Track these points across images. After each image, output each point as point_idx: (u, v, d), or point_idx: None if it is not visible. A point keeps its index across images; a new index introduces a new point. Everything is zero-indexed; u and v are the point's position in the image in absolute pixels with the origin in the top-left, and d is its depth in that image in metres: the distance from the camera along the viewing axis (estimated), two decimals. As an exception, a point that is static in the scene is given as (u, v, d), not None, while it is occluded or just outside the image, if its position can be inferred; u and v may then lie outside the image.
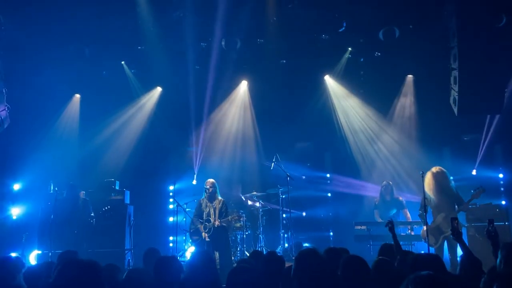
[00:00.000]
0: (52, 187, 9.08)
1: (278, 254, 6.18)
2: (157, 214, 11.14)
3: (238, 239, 9.61)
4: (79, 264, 2.59)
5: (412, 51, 9.56)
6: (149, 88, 11.11)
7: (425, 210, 7.32)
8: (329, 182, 11.52)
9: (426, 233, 7.25)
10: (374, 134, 11.08)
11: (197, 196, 9.47)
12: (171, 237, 10.52)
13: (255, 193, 10.25)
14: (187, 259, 8.99)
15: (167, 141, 11.23)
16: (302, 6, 9.09)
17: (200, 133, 11.12)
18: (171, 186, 11.14)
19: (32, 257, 8.70)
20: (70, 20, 9.05)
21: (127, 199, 9.42)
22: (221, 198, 8.93)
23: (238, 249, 9.52)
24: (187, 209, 9.29)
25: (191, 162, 11.15)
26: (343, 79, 10.80)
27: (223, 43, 9.74)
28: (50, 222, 7.94)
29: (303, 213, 11.17)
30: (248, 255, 6.94)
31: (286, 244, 9.92)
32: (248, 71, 10.93)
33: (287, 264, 4.59)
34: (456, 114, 8.79)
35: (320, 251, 3.89)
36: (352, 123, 11.18)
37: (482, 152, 10.24)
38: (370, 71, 10.52)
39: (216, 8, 8.93)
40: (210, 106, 11.02)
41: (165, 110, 11.12)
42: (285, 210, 9.98)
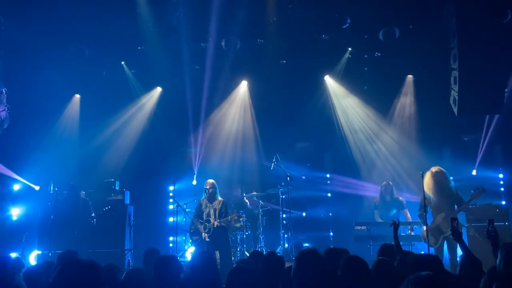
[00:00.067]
0: (52, 187, 9.09)
1: (278, 254, 6.17)
2: (157, 214, 11.14)
3: (238, 239, 9.61)
4: (79, 265, 2.59)
5: (412, 51, 9.56)
6: (149, 88, 11.11)
7: (425, 210, 7.32)
8: (329, 182, 11.52)
9: (426, 233, 7.25)
10: (374, 134, 11.09)
11: (197, 197, 9.47)
12: (171, 237, 10.53)
13: (255, 193, 10.25)
14: (187, 260, 9.00)
15: (167, 142, 11.23)
16: (302, 6, 9.09)
17: (200, 133, 11.12)
18: (171, 186, 11.14)
19: (32, 257, 8.70)
20: (70, 20, 9.06)
21: (127, 199, 9.43)
22: (221, 199, 8.93)
23: (238, 249, 9.52)
24: (187, 210, 9.29)
25: (191, 162, 11.16)
26: (343, 79, 10.80)
27: (223, 43, 9.75)
28: (50, 222, 7.94)
29: (303, 213, 11.17)
30: (248, 255, 6.94)
31: (286, 245, 9.92)
32: (248, 71, 10.93)
33: (287, 264, 4.59)
34: (456, 114, 8.79)
35: (320, 251, 3.89)
36: (352, 123, 11.18)
37: (482, 152, 10.24)
38: (370, 71, 10.51)
39: (216, 9, 8.93)
40: (210, 106, 11.01)
41: (165, 110, 11.11)
42: (285, 210, 9.97)
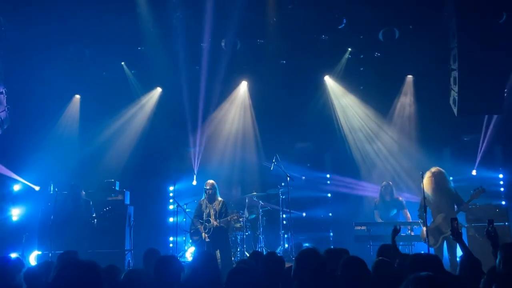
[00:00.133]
0: (52, 187, 9.09)
1: (278, 254, 6.18)
2: (157, 214, 11.14)
3: (238, 240, 9.62)
4: (78, 265, 2.58)
5: (412, 51, 9.55)
6: (149, 88, 11.11)
7: (425, 210, 7.32)
8: (329, 182, 11.52)
9: (425, 234, 7.25)
10: (373, 134, 11.09)
11: (197, 197, 9.47)
12: (171, 238, 10.53)
13: (255, 193, 10.25)
14: (187, 260, 9.01)
15: (167, 142, 11.23)
16: (302, 6, 9.08)
17: (200, 133, 11.11)
18: (171, 186, 11.14)
19: (32, 258, 8.70)
20: (70, 20, 9.06)
21: (127, 200, 9.42)
22: (221, 199, 8.93)
23: (238, 249, 9.52)
24: (187, 210, 9.30)
25: (191, 162, 11.16)
26: (343, 79, 10.80)
27: (223, 43, 9.75)
28: (50, 222, 7.94)
29: (303, 214, 11.17)
30: (248, 255, 6.94)
31: (286, 245, 9.92)
32: (248, 72, 10.93)
33: (287, 264, 4.60)
34: (456, 115, 8.80)
35: (320, 251, 3.89)
36: (352, 123, 11.18)
37: (481, 153, 10.24)
38: (370, 72, 10.51)
39: (216, 9, 8.93)
40: (210, 107, 11.01)
41: (165, 111, 11.11)
42: (285, 211, 9.97)
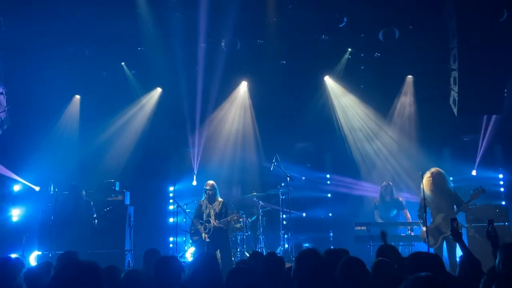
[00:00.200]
0: (52, 188, 9.08)
1: (278, 254, 6.18)
2: (157, 215, 11.13)
3: (238, 240, 9.61)
4: (77, 266, 2.57)
5: (412, 51, 9.55)
6: (149, 89, 11.10)
7: (425, 210, 7.32)
8: (329, 182, 11.52)
9: (425, 234, 7.25)
10: (373, 134, 11.08)
11: (197, 197, 9.48)
12: (171, 238, 10.53)
13: (255, 193, 10.25)
14: (187, 260, 9.01)
15: (167, 142, 11.23)
16: (302, 6, 9.08)
17: (200, 133, 11.10)
18: (171, 187, 11.14)
19: (32, 258, 8.69)
20: (70, 21, 9.05)
21: (127, 200, 9.42)
22: (221, 199, 8.94)
23: (238, 250, 9.52)
24: (187, 210, 9.30)
25: (191, 163, 11.15)
26: (343, 79, 10.79)
27: (223, 44, 9.75)
28: (50, 223, 7.93)
29: (303, 214, 11.16)
30: (248, 255, 6.94)
31: (286, 245, 9.92)
32: (248, 72, 10.93)
33: (287, 264, 4.59)
34: (456, 115, 8.80)
35: (320, 251, 3.89)
36: (352, 123, 11.17)
37: (481, 153, 10.24)
38: (370, 72, 10.51)
39: (216, 9, 8.93)
40: (210, 107, 10.99)
41: (165, 111, 11.11)
42: (285, 211, 9.97)
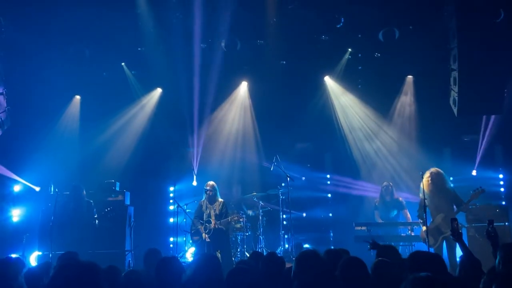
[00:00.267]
0: (52, 188, 9.08)
1: (278, 255, 6.19)
2: (158, 215, 11.13)
3: (238, 240, 9.62)
4: (76, 266, 2.57)
5: (412, 52, 9.55)
6: (149, 89, 11.10)
7: (424, 210, 7.32)
8: (329, 182, 11.52)
9: (425, 234, 7.26)
10: (373, 134, 11.09)
11: (197, 197, 9.49)
12: (171, 238, 10.53)
13: (255, 193, 10.26)
14: (187, 260, 9.01)
15: (167, 142, 11.23)
16: (302, 6, 9.08)
17: (200, 134, 11.10)
18: (172, 187, 11.14)
19: (33, 258, 8.70)
20: (70, 21, 9.06)
21: (127, 200, 9.41)
22: (221, 200, 8.96)
23: (238, 250, 9.53)
24: (187, 210, 9.30)
25: (191, 163, 11.16)
26: (343, 80, 10.80)
27: (223, 44, 9.75)
28: (51, 223, 7.93)
29: (303, 214, 11.17)
30: (248, 256, 6.95)
31: (286, 245, 9.92)
32: (248, 72, 10.93)
33: (288, 265, 4.59)
34: (456, 115, 8.80)
35: (321, 251, 3.89)
36: (352, 123, 11.17)
37: (480, 153, 10.24)
38: (370, 72, 10.51)
39: (216, 9, 8.93)
40: (210, 107, 11.00)
41: (165, 111, 11.11)
42: (285, 211, 9.97)
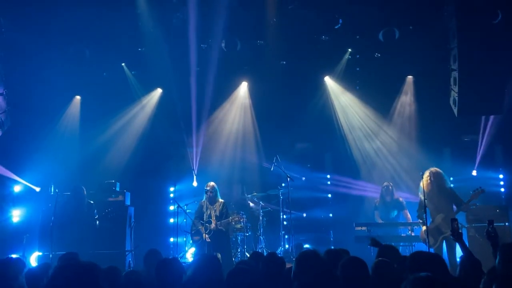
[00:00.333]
0: (52, 188, 9.08)
1: (279, 255, 6.18)
2: (158, 215, 11.13)
3: (239, 240, 9.61)
4: (75, 266, 2.56)
5: (412, 52, 9.55)
6: (149, 89, 11.11)
7: (424, 211, 7.32)
8: (329, 183, 11.52)
9: (425, 234, 7.26)
10: (373, 134, 11.09)
11: (197, 197, 9.49)
12: (171, 239, 10.52)
13: (255, 193, 10.25)
14: (188, 261, 9.01)
15: (167, 142, 11.24)
16: (302, 7, 9.09)
17: (200, 134, 11.10)
18: (172, 187, 11.14)
19: (33, 259, 8.70)
20: (70, 21, 9.06)
21: (127, 201, 9.40)
22: (222, 200, 8.97)
23: (239, 250, 9.52)
24: (188, 211, 9.30)
25: (192, 163, 11.15)
26: (343, 80, 10.80)
27: (223, 44, 9.75)
28: (51, 223, 7.93)
29: (303, 214, 11.16)
30: (249, 256, 6.95)
31: (287, 245, 9.92)
32: (248, 73, 10.92)
33: (288, 265, 4.59)
34: (456, 115, 8.80)
35: (321, 252, 3.89)
36: (352, 123, 11.17)
37: (480, 153, 10.24)
38: (370, 72, 10.51)
39: (216, 10, 8.93)
40: (211, 108, 11.00)
41: (165, 112, 11.10)
42: (286, 211, 9.97)
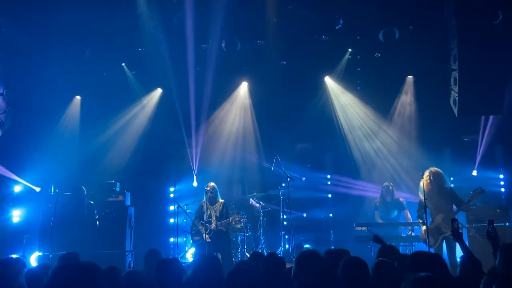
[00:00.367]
0: (53, 188, 9.08)
1: (279, 255, 6.18)
2: (158, 215, 11.13)
3: (239, 240, 9.61)
4: (74, 267, 2.56)
5: (412, 52, 9.55)
6: (149, 89, 11.11)
7: (425, 211, 7.32)
8: (329, 183, 11.52)
9: (425, 234, 7.25)
10: (373, 134, 11.09)
11: (197, 197, 9.49)
12: (171, 239, 10.52)
13: (255, 194, 10.25)
14: (188, 261, 9.01)
15: (167, 143, 11.24)
16: (302, 7, 9.09)
17: (200, 134, 11.10)
18: (172, 187, 11.14)
19: (33, 259, 8.69)
20: (70, 21, 9.06)
21: (127, 201, 9.40)
22: (222, 200, 8.97)
23: (239, 250, 9.52)
24: (188, 211, 9.30)
25: (192, 163, 11.15)
26: (343, 80, 10.80)
27: (223, 44, 9.75)
28: (51, 224, 7.93)
29: (303, 214, 11.16)
30: (249, 256, 6.95)
31: (287, 245, 9.92)
32: (248, 73, 10.92)
33: (288, 265, 4.59)
34: (456, 115, 8.80)
35: (321, 252, 3.89)
36: (352, 123, 11.17)
37: (480, 153, 10.24)
38: (370, 72, 10.51)
39: (216, 10, 8.93)
40: (211, 108, 11.01)
41: (165, 112, 11.11)
42: (286, 211, 9.97)
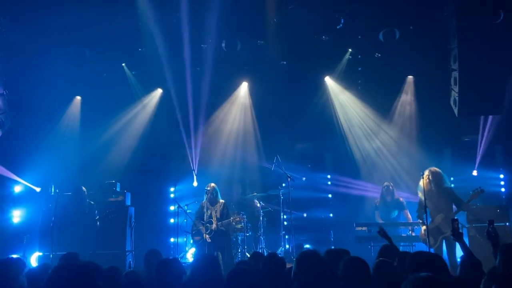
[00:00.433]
0: (53, 189, 9.08)
1: (279, 255, 6.18)
2: (158, 215, 11.14)
3: (239, 241, 9.61)
4: (73, 266, 2.57)
5: (412, 52, 9.55)
6: (149, 89, 11.12)
7: (425, 211, 7.32)
8: (329, 183, 11.52)
9: (425, 234, 7.25)
10: (374, 134, 11.09)
11: (198, 198, 9.49)
12: (172, 239, 10.53)
13: (255, 194, 10.25)
14: (188, 261, 9.02)
15: (168, 143, 11.24)
16: (303, 7, 9.09)
17: (201, 134, 11.11)
18: (172, 187, 11.14)
19: (33, 259, 8.70)
20: (70, 21, 9.05)
21: (128, 201, 9.41)
22: (222, 201, 8.98)
23: (239, 250, 9.52)
24: (188, 211, 9.30)
25: (192, 163, 11.15)
26: (344, 80, 10.80)
27: (223, 44, 9.75)
28: (51, 224, 7.93)
29: (304, 214, 11.17)
30: (249, 256, 6.95)
31: (287, 246, 9.92)
32: (248, 73, 10.92)
33: (288, 265, 4.60)
34: (456, 115, 8.80)
35: (321, 252, 3.89)
36: (352, 124, 11.17)
37: (480, 153, 10.24)
38: (370, 72, 10.51)
39: (217, 10, 8.92)
40: (211, 108, 11.02)
41: (165, 112, 11.11)
42: (286, 211, 9.98)
